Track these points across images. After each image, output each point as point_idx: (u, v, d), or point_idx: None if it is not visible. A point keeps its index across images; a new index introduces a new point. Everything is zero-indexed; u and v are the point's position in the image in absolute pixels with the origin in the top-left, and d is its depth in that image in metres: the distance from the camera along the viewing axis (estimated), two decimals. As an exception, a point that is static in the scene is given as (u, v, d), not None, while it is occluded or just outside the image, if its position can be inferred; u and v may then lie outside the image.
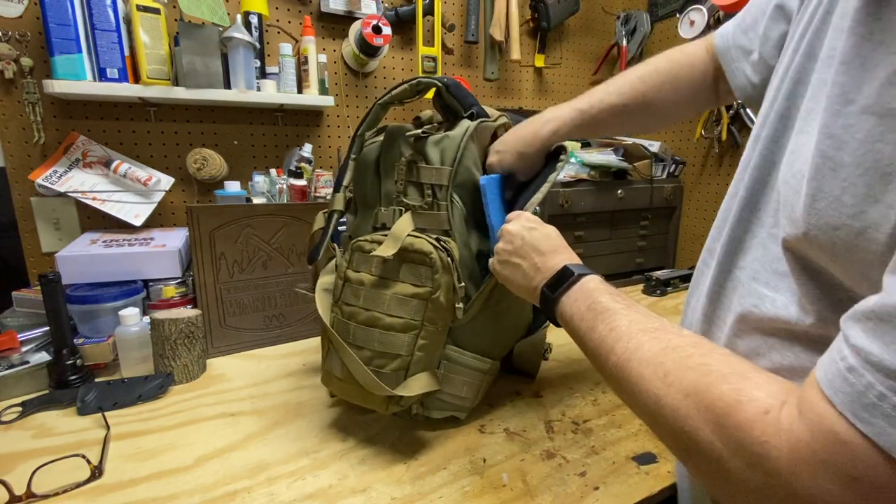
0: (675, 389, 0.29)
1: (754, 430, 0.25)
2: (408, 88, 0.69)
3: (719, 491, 0.29)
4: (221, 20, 1.02)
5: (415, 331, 0.60)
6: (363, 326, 0.61)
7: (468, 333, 0.67)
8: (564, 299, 0.45)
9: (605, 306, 0.39)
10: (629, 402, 0.34)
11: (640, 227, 1.44)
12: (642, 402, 0.32)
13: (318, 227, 0.72)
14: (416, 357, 0.61)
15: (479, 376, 0.68)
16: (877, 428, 0.21)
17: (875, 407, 0.21)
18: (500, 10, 1.46)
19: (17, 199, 1.05)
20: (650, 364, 0.31)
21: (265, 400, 0.75)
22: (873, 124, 0.24)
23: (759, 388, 0.26)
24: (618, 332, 0.36)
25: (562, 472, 0.59)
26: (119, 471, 0.58)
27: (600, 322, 0.38)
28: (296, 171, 1.18)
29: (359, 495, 0.54)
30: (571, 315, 0.43)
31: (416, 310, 0.59)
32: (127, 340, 0.78)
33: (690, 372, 0.29)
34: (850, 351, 0.23)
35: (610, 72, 1.78)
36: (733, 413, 0.26)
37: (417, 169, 0.66)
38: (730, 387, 0.27)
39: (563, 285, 0.45)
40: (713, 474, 0.27)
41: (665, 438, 0.31)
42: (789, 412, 0.24)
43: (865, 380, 0.22)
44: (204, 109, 1.20)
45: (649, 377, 0.31)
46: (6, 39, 0.98)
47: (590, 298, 0.42)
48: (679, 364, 0.30)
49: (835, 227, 0.25)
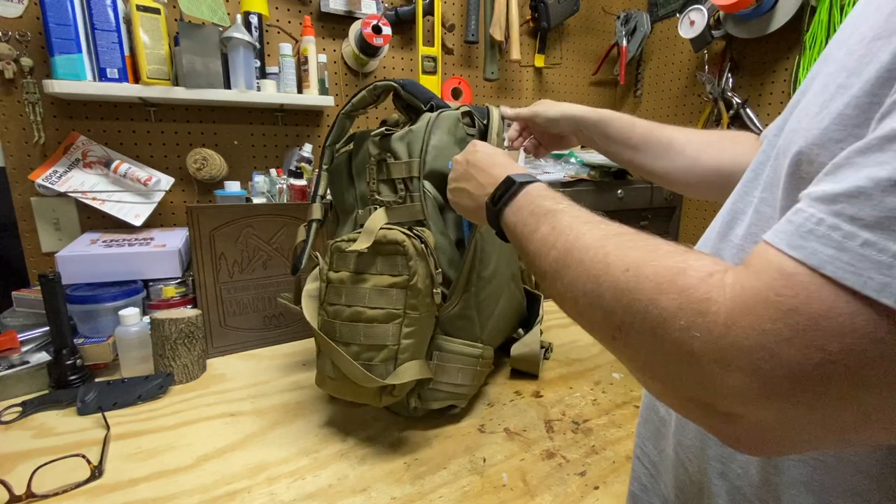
0: (614, 267, 0.28)
1: (697, 291, 0.23)
2: (366, 94, 0.73)
3: (653, 374, 0.27)
4: (221, 20, 1.02)
5: (398, 319, 0.61)
6: (348, 323, 0.62)
7: (456, 321, 0.69)
8: (507, 210, 0.44)
9: (547, 208, 0.39)
10: (565, 294, 0.33)
11: (640, 227, 1.44)
12: (580, 286, 0.30)
13: (300, 240, 0.75)
14: (403, 345, 0.62)
15: (472, 361, 0.69)
16: (808, 250, 0.21)
17: (811, 232, 0.21)
18: (500, 10, 1.46)
19: (17, 199, 1.05)
20: (590, 248, 0.31)
21: (265, 400, 0.75)
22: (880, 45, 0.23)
23: (703, 258, 0.25)
24: (559, 229, 0.35)
25: (562, 472, 0.59)
26: (119, 471, 0.58)
27: (543, 223, 0.37)
28: (296, 171, 1.18)
29: (359, 495, 0.54)
30: (515, 223, 0.42)
31: (396, 298, 0.61)
32: (127, 340, 0.78)
33: (633, 251, 0.28)
34: (801, 200, 0.23)
35: (610, 72, 1.78)
36: (676, 278, 0.24)
37: (387, 166, 0.68)
38: (673, 259, 0.26)
39: (506, 195, 0.44)
40: (648, 347, 0.26)
41: (597, 321, 0.30)
42: (735, 270, 0.24)
43: (807, 213, 0.22)
44: (204, 109, 1.19)
45: (589, 260, 0.30)
46: (6, 39, 0.98)
47: (532, 204, 0.41)
48: (621, 246, 0.29)
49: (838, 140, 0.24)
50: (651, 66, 1.68)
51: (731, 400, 0.22)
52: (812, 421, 0.21)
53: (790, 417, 0.22)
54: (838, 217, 0.20)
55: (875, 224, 0.19)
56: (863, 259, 0.19)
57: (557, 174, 1.26)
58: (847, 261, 0.19)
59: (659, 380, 0.26)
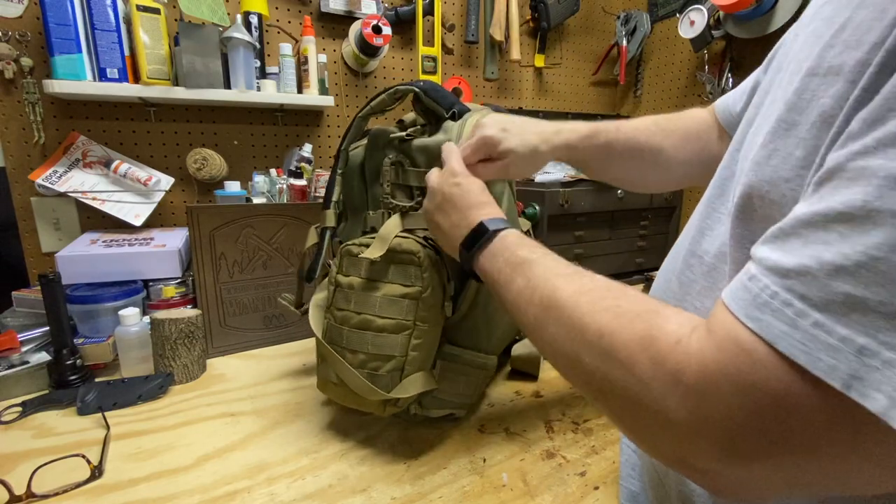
0: (590, 334, 0.29)
1: (668, 362, 0.25)
2: (386, 98, 0.69)
3: (635, 434, 0.29)
4: (221, 20, 1.02)
5: (407, 331, 0.60)
6: (356, 330, 0.60)
7: (464, 330, 0.68)
8: (481, 257, 0.45)
9: (521, 258, 0.40)
10: (546, 349, 0.35)
11: (640, 227, 1.44)
12: (561, 348, 0.32)
13: (311, 243, 0.73)
14: (410, 357, 0.60)
15: (477, 373, 0.68)
16: (763, 323, 0.22)
17: (766, 304, 0.22)
18: (500, 11, 1.46)
19: (17, 199, 1.05)
20: (566, 308, 0.32)
21: (265, 400, 0.75)
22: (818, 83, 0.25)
23: (669, 321, 0.26)
24: (534, 283, 0.36)
25: (562, 472, 0.59)
26: (119, 471, 0.58)
27: (518, 275, 0.39)
28: (296, 171, 1.18)
29: (359, 495, 0.54)
30: (489, 271, 0.43)
31: (408, 310, 0.59)
32: (127, 340, 0.78)
33: (605, 313, 0.29)
34: (754, 265, 0.24)
35: (610, 72, 1.78)
36: (649, 348, 0.26)
37: (404, 171, 0.66)
38: (643, 325, 0.27)
39: (479, 242, 0.45)
40: (628, 413, 0.27)
41: (581, 383, 0.31)
42: (699, 335, 0.24)
43: (762, 283, 0.22)
44: (204, 109, 1.20)
45: (565, 321, 0.32)
46: (6, 39, 0.98)
47: (506, 252, 0.42)
48: (594, 305, 0.31)
49: (787, 180, 0.26)
50: (651, 66, 1.68)
51: (705, 461, 0.24)
52: (779, 479, 0.23)
53: (760, 476, 0.23)
54: (790, 293, 0.21)
55: (823, 306, 0.20)
56: (813, 339, 0.20)
57: (557, 174, 1.26)
58: (799, 339, 0.20)
59: (641, 439, 0.28)
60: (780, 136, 0.27)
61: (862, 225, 0.19)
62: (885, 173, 0.19)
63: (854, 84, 0.22)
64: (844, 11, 0.25)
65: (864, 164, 0.20)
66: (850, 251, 0.19)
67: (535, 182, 1.24)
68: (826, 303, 0.20)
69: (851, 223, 0.20)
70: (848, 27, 0.24)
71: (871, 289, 0.19)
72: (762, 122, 0.30)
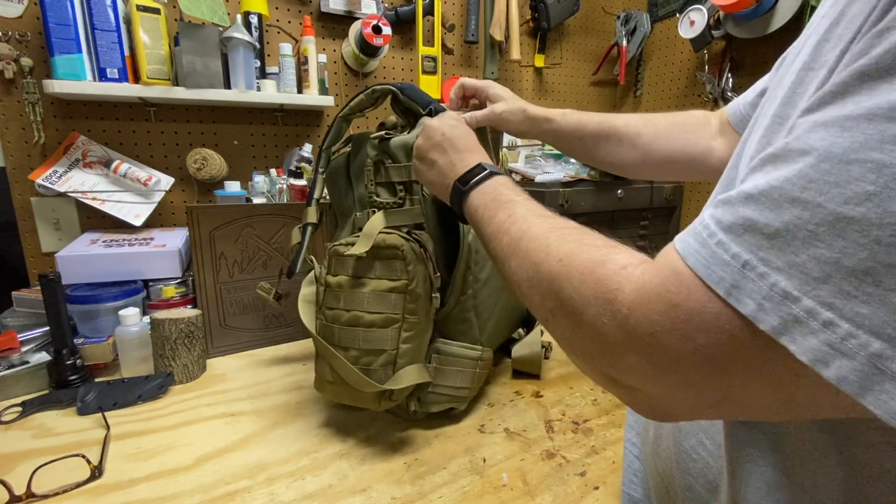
0: (552, 256, 0.32)
1: (610, 281, 0.27)
2: (364, 98, 0.72)
3: (574, 347, 0.31)
4: (221, 20, 1.02)
5: (397, 324, 0.61)
6: (347, 327, 0.62)
7: (455, 323, 0.69)
8: (473, 192, 0.47)
9: (508, 198, 0.43)
10: (511, 277, 0.37)
11: (640, 227, 1.44)
12: (524, 271, 0.35)
13: (295, 242, 0.74)
14: (402, 350, 0.62)
15: (471, 364, 0.69)
16: (685, 244, 0.24)
17: (693, 230, 0.24)
18: (500, 11, 1.45)
19: (17, 199, 1.05)
20: (536, 239, 0.35)
21: (265, 400, 0.75)
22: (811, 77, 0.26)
23: (623, 253, 0.29)
24: (514, 217, 0.39)
25: (562, 472, 0.59)
26: (119, 471, 0.58)
27: (501, 210, 0.41)
28: (296, 171, 1.18)
29: (359, 495, 0.54)
30: (477, 206, 0.45)
31: (395, 303, 0.61)
32: (127, 340, 0.78)
33: (570, 244, 0.32)
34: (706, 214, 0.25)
35: (610, 72, 1.78)
36: (596, 269, 0.28)
37: (386, 169, 0.68)
38: (599, 253, 0.29)
39: (475, 179, 0.47)
40: (571, 328, 0.29)
41: (535, 303, 0.34)
42: (645, 266, 0.27)
43: (702, 218, 0.24)
44: (204, 109, 1.19)
45: (533, 249, 0.34)
46: (6, 39, 0.98)
47: (495, 192, 0.45)
48: (560, 237, 0.33)
49: None
50: (651, 66, 1.68)
51: (628, 376, 0.27)
52: (689, 396, 0.25)
53: (672, 393, 0.25)
54: (712, 219, 0.24)
55: (728, 228, 0.22)
56: (713, 255, 0.22)
57: (557, 174, 1.26)
58: (705, 256, 0.23)
59: (580, 356, 0.31)
60: (774, 130, 0.28)
61: (776, 161, 0.22)
62: (807, 125, 0.21)
63: (831, 72, 0.24)
64: (840, 6, 0.25)
65: (802, 119, 0.22)
66: (761, 182, 0.22)
67: (536, 182, 1.24)
68: (730, 225, 0.22)
69: (774, 162, 0.22)
70: (841, 21, 0.25)
71: (763, 213, 0.21)
72: (762, 120, 0.30)
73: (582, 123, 0.66)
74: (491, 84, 0.69)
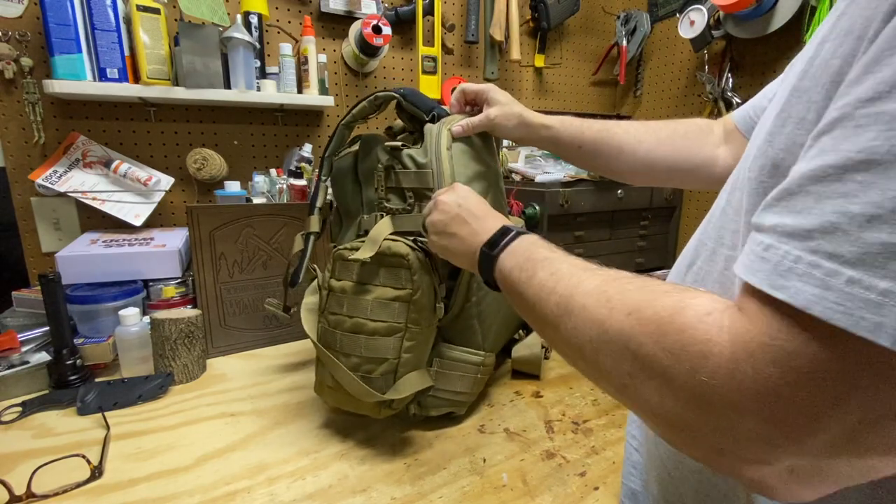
0: (617, 311, 0.28)
1: (697, 331, 0.23)
2: (367, 105, 0.71)
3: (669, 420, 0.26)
4: (221, 20, 1.02)
5: (399, 333, 0.60)
6: (349, 334, 0.61)
7: (458, 329, 0.68)
8: (503, 255, 0.45)
9: (543, 255, 0.40)
10: (569, 341, 0.33)
11: (640, 227, 1.44)
12: (585, 333, 0.30)
13: (297, 250, 0.74)
14: (403, 359, 0.61)
15: (473, 369, 0.68)
16: (791, 290, 0.20)
17: (790, 270, 0.21)
18: (500, 11, 1.45)
19: (17, 199, 1.05)
20: (592, 294, 0.31)
21: (265, 400, 0.75)
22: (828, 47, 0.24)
23: (699, 297, 0.26)
24: (559, 275, 0.36)
25: (562, 472, 0.59)
26: (119, 471, 0.58)
27: (541, 269, 0.38)
28: (296, 171, 1.18)
29: (359, 495, 0.54)
30: (511, 268, 0.43)
31: (399, 312, 0.60)
32: (127, 340, 0.78)
33: (632, 293, 0.28)
34: (765, 234, 0.22)
35: (610, 72, 1.78)
36: (676, 318, 0.25)
37: (396, 174, 0.67)
38: (671, 299, 0.26)
39: (504, 241, 0.46)
40: (659, 393, 0.25)
41: (606, 368, 0.29)
42: (731, 312, 0.23)
43: (782, 250, 0.21)
44: (204, 109, 1.19)
45: (592, 305, 0.30)
46: (6, 39, 0.98)
47: (528, 251, 0.42)
48: (621, 289, 0.30)
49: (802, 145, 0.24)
50: (651, 66, 1.68)
51: (753, 446, 0.22)
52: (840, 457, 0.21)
53: (815, 458, 0.21)
54: (815, 254, 0.20)
55: (857, 261, 0.19)
56: (851, 298, 0.19)
57: (557, 174, 1.26)
58: (834, 300, 0.19)
59: (676, 428, 0.26)
60: (793, 103, 0.26)
61: (887, 170, 0.18)
62: None
63: (861, 39, 0.21)
64: None
65: (878, 109, 0.19)
66: (881, 198, 0.18)
67: (536, 182, 1.24)
68: (860, 257, 0.19)
69: (873, 170, 0.19)
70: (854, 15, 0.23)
71: None
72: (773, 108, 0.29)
73: (581, 131, 0.64)
74: (490, 88, 0.68)
